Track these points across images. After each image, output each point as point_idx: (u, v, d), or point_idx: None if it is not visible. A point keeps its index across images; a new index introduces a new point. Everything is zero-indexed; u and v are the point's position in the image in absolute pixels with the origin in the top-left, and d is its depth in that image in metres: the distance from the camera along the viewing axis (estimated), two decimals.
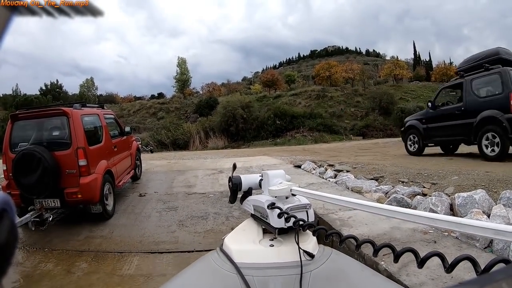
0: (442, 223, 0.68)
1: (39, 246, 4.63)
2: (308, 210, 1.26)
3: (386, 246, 0.83)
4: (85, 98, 41.57)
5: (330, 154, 12.65)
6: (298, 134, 29.52)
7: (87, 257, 4.22)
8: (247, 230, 1.39)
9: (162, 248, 4.29)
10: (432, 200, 3.56)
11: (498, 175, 4.55)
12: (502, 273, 0.37)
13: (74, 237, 4.82)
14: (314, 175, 7.13)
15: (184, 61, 45.78)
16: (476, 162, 6.89)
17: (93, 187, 4.93)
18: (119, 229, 4.98)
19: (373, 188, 5.02)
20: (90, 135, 5.34)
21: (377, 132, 31.38)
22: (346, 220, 3.47)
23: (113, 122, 6.93)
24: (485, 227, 0.60)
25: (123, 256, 4.16)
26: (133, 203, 6.19)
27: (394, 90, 40.35)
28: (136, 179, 8.02)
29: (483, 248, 2.67)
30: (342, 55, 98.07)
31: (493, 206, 3.27)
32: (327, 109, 35.78)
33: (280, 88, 44.91)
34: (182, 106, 40.06)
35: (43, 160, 4.62)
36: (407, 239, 2.84)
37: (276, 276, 1.03)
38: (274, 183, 1.42)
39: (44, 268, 4.02)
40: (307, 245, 1.13)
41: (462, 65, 8.69)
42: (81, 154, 4.86)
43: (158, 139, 26.25)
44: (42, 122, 5.25)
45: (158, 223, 5.15)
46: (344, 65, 46.73)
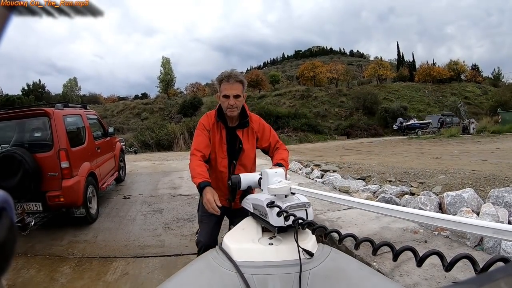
0: (443, 222, 0.68)
1: (20, 252, 4.44)
2: (307, 208, 1.26)
3: (385, 245, 0.84)
4: (68, 98, 41.06)
5: (315, 154, 12.71)
6: (282, 134, 29.65)
7: (71, 262, 4.06)
8: (246, 229, 1.40)
9: (148, 252, 4.18)
10: (421, 200, 3.58)
11: (484, 174, 4.63)
12: (501, 272, 0.37)
13: (57, 242, 4.64)
14: (300, 175, 7.13)
15: (168, 61, 45.72)
16: (462, 161, 7.00)
17: (76, 190, 4.77)
18: (104, 233, 4.84)
19: (361, 187, 5.03)
20: (72, 136, 5.18)
21: (361, 132, 31.83)
22: (335, 220, 3.46)
23: (96, 122, 6.77)
24: (485, 226, 0.60)
25: (108, 261, 4.03)
26: (117, 206, 6.06)
27: (378, 90, 41.01)
28: (120, 181, 7.90)
29: (473, 246, 2.69)
30: (327, 56, 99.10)
31: (482, 204, 3.31)
32: (312, 109, 36.09)
33: (265, 89, 45.11)
34: (166, 106, 39.86)
35: (24, 163, 4.45)
36: (398, 239, 2.83)
37: (275, 275, 1.04)
38: (273, 182, 1.43)
39: (26, 275, 3.84)
40: (307, 244, 1.15)
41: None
42: (63, 156, 4.69)
43: (142, 140, 25.96)
44: (23, 123, 5.06)
45: (144, 226, 5.03)
46: (328, 65, 47.29)
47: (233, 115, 2.26)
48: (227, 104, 2.21)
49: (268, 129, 2.46)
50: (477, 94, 43.04)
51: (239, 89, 2.22)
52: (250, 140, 2.38)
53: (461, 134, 21.04)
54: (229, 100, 2.20)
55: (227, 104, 2.21)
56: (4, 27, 0.45)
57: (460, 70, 48.34)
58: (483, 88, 45.20)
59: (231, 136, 2.35)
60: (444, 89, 43.24)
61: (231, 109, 2.22)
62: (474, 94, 42.75)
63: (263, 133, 2.42)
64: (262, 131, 2.42)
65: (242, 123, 2.34)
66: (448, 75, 45.96)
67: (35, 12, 0.59)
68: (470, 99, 40.81)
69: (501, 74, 54.59)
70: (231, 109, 2.22)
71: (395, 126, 28.68)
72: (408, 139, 21.35)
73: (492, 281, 0.34)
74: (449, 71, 46.62)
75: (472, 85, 45.55)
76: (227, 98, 2.20)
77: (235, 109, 2.24)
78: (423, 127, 26.21)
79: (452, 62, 48.96)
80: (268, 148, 2.44)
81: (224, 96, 2.22)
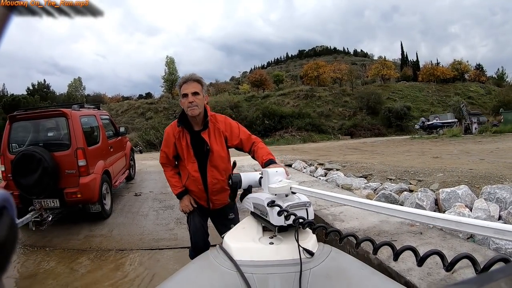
0: (443, 222, 0.68)
1: (39, 246, 4.68)
2: (308, 208, 1.27)
3: (386, 244, 0.84)
4: (73, 98, 41.21)
5: (319, 153, 12.88)
6: (286, 133, 29.79)
7: (88, 255, 4.31)
8: (246, 228, 1.40)
9: (162, 244, 4.43)
10: (418, 196, 3.79)
11: (481, 172, 4.80)
12: (501, 272, 0.38)
13: (73, 237, 4.89)
14: (305, 173, 7.33)
15: (173, 60, 45.66)
16: (460, 161, 7.19)
17: (92, 186, 5.03)
18: (118, 228, 5.09)
19: (362, 185, 5.24)
20: (88, 136, 5.43)
21: (364, 132, 31.85)
22: (338, 215, 3.67)
23: (108, 122, 7.03)
24: (485, 226, 0.60)
25: (125, 253, 4.28)
26: (130, 202, 6.30)
27: (381, 90, 40.95)
28: (130, 179, 8.12)
29: (466, 238, 2.88)
30: (330, 55, 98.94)
31: (475, 200, 3.51)
32: (315, 109, 36.12)
33: (269, 88, 45.12)
34: (170, 106, 39.92)
35: (43, 161, 4.69)
36: (395, 231, 3.04)
37: (275, 274, 1.04)
38: (274, 181, 1.43)
39: (47, 267, 4.07)
40: (307, 243, 1.15)
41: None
42: (80, 155, 4.95)
43: (147, 140, 26.23)
44: (41, 123, 5.33)
45: (156, 221, 5.28)
46: (332, 65, 47.29)
47: (194, 113, 2.30)
48: (187, 102, 2.27)
49: (235, 126, 2.49)
50: (480, 94, 42.93)
51: (197, 88, 2.30)
52: (218, 141, 2.42)
53: (463, 134, 21.12)
54: (187, 98, 2.27)
55: (187, 102, 2.27)
56: (5, 27, 0.46)
57: (463, 69, 48.19)
58: (486, 88, 45.05)
59: (197, 140, 2.41)
60: (448, 89, 43.16)
61: (191, 107, 2.28)
62: (478, 94, 42.63)
63: (231, 131, 2.45)
64: (230, 130, 2.45)
65: (205, 124, 2.40)
66: (451, 74, 45.83)
67: (35, 12, 0.60)
68: (473, 99, 40.73)
69: (505, 73, 54.30)
70: (191, 107, 2.27)
71: (417, 125, 28.41)
72: (411, 139, 21.37)
73: (492, 281, 0.35)
74: (452, 70, 46.48)
75: (476, 85, 45.40)
76: (186, 96, 2.28)
77: (195, 107, 2.28)
78: (446, 126, 24.97)
79: (456, 61, 48.81)
80: (240, 145, 2.44)
81: (183, 96, 2.30)
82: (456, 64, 48.02)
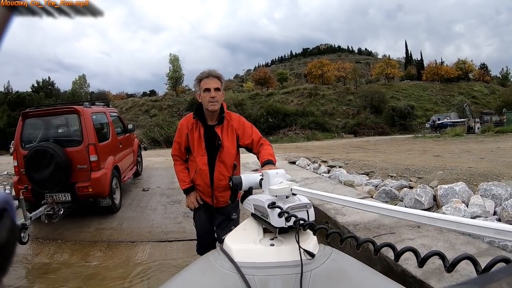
0: (444, 222, 0.67)
1: (51, 238, 4.84)
2: (308, 209, 1.25)
3: (387, 246, 0.84)
4: (77, 95, 41.43)
5: (322, 151, 13.00)
6: (290, 132, 29.88)
7: (100, 246, 4.48)
8: (247, 230, 1.39)
9: (171, 237, 4.61)
10: (417, 192, 3.94)
11: (479, 170, 4.92)
12: (503, 272, 0.38)
13: (84, 229, 5.06)
14: (308, 170, 7.47)
15: (177, 58, 45.67)
16: (461, 159, 7.32)
17: (103, 181, 5.19)
18: (128, 221, 5.27)
19: (364, 182, 5.38)
20: (99, 132, 5.59)
21: (368, 130, 31.88)
22: (340, 209, 3.82)
23: (117, 119, 7.18)
24: (486, 227, 0.60)
25: (135, 245, 4.46)
26: (138, 197, 6.47)
27: (385, 88, 40.98)
28: (138, 175, 8.28)
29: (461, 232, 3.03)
30: (334, 54, 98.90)
31: (472, 196, 3.66)
32: (319, 107, 36.22)
33: (273, 86, 45.23)
34: (174, 103, 40.12)
35: (56, 156, 4.83)
36: (394, 225, 3.20)
37: (276, 276, 1.04)
38: (274, 183, 1.42)
39: (61, 259, 4.23)
40: (308, 245, 1.14)
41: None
42: (92, 150, 5.11)
43: (151, 137, 26.43)
44: (54, 120, 5.52)
45: (165, 215, 5.46)
46: (336, 63, 47.27)
47: (215, 108, 2.34)
48: (209, 97, 2.31)
49: (249, 126, 2.52)
50: (484, 93, 42.86)
51: (218, 84, 2.35)
52: (230, 137, 2.45)
53: (465, 134, 21.18)
54: (210, 93, 2.30)
55: (209, 97, 2.31)
56: (5, 27, 0.46)
57: (468, 69, 48.14)
58: (491, 88, 44.97)
59: (210, 134, 2.44)
60: (452, 88, 43.14)
61: (213, 102, 2.32)
62: (482, 94, 42.58)
63: (244, 130, 2.48)
64: (243, 129, 2.48)
65: (220, 119, 2.42)
66: (456, 74, 45.80)
67: (36, 12, 0.60)
68: (477, 98, 40.70)
69: (509, 73, 54.17)
70: (212, 102, 2.31)
71: (427, 124, 28.35)
72: (413, 138, 21.46)
73: (493, 282, 0.35)
74: (457, 70, 46.45)
75: (480, 85, 45.32)
76: (208, 91, 2.31)
77: (216, 103, 2.33)
78: (455, 125, 24.57)
79: (460, 61, 48.76)
80: (251, 145, 2.47)
81: (205, 90, 2.33)
82: (460, 64, 47.96)
